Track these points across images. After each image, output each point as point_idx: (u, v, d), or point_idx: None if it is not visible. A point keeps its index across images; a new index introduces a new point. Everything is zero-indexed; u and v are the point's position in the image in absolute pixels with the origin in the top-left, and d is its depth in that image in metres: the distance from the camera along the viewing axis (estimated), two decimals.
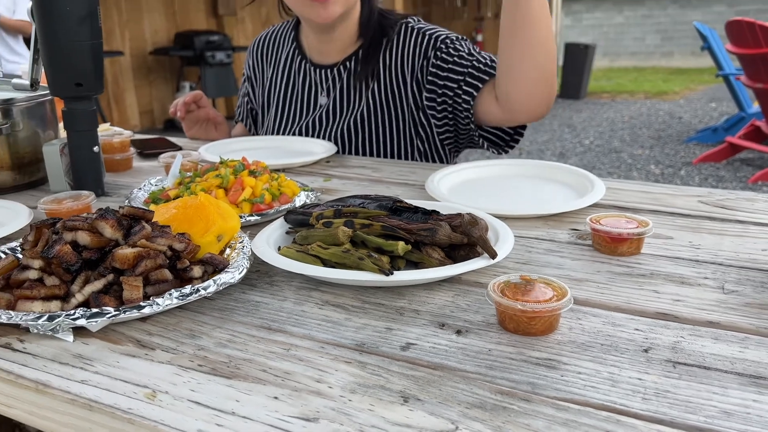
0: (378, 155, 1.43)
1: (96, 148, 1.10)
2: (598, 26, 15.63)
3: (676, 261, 0.80)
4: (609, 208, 1.01)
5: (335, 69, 1.46)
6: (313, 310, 0.70)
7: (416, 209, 0.82)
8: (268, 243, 0.83)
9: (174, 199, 0.99)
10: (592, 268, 0.79)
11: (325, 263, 0.76)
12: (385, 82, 1.40)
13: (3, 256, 0.79)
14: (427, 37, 1.37)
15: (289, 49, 1.54)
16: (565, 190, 1.10)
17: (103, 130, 1.45)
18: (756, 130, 5.39)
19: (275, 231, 0.88)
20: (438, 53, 1.34)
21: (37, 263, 0.68)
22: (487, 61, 1.29)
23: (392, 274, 0.69)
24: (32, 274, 0.68)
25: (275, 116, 1.55)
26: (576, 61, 9.66)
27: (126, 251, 0.68)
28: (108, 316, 0.63)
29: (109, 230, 0.71)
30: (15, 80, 1.10)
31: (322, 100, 1.48)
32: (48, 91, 1.16)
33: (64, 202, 0.99)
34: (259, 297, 0.73)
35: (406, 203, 0.85)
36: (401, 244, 0.75)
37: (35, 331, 0.63)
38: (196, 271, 0.73)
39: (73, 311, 0.63)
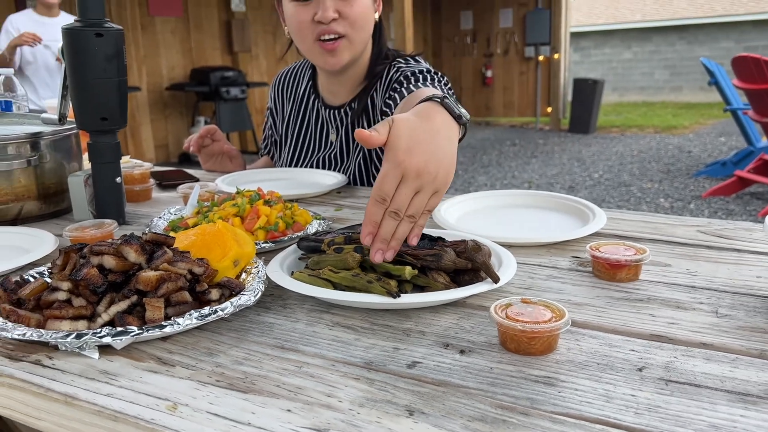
0: None
1: (118, 179, 1.16)
2: (607, 62, 15.83)
3: (672, 287, 0.83)
4: (609, 236, 1.04)
5: (342, 110, 1.54)
6: (324, 330, 0.73)
7: (422, 236, 0.86)
8: (282, 268, 0.87)
9: (193, 227, 1.04)
10: (592, 293, 0.82)
11: (336, 286, 0.80)
12: (375, 120, 1.47)
13: (33, 279, 0.83)
14: (398, 74, 1.41)
15: (306, 86, 1.62)
16: (569, 219, 1.14)
17: (124, 162, 1.51)
18: (765, 164, 5.41)
19: (289, 257, 0.92)
20: (396, 86, 1.36)
21: (65, 285, 0.72)
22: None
23: (399, 296, 0.73)
24: (61, 296, 0.72)
25: (290, 150, 1.63)
26: (585, 96, 9.78)
27: (149, 274, 0.72)
28: (132, 334, 0.67)
29: (133, 255, 0.75)
30: (44, 115, 1.17)
31: (332, 137, 1.56)
32: (74, 125, 1.22)
33: (87, 230, 1.04)
34: (273, 318, 0.77)
35: None
36: (408, 268, 0.79)
37: (63, 348, 0.67)
38: (214, 293, 0.77)
39: (99, 330, 0.67)
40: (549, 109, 10.62)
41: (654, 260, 0.92)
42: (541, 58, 10.63)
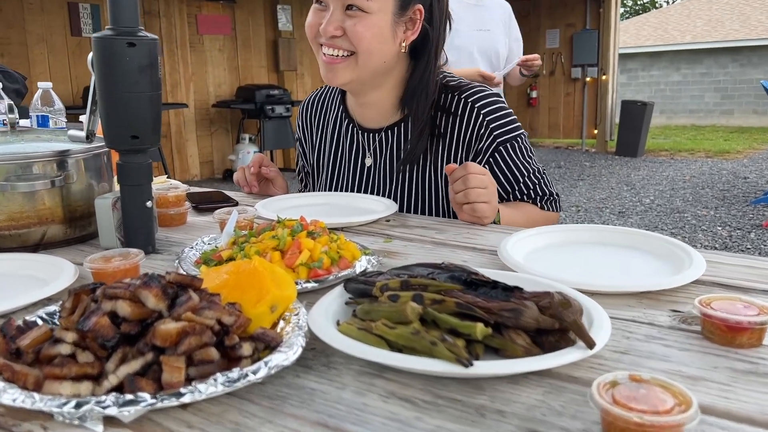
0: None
1: (149, 204, 1.05)
2: (654, 84, 15.40)
3: None
4: (711, 285, 0.88)
5: (380, 134, 1.42)
6: (377, 403, 0.59)
7: (495, 284, 0.72)
8: (326, 316, 0.74)
9: (226, 261, 0.92)
10: (707, 363, 0.66)
11: (391, 345, 0.66)
12: (437, 153, 1.38)
13: (40, 322, 0.72)
14: (485, 125, 1.34)
15: (337, 112, 1.51)
16: (653, 261, 0.98)
17: (160, 182, 1.42)
18: None
19: (334, 301, 0.79)
20: (496, 154, 1.36)
21: (70, 336, 0.61)
22: (535, 185, 1.39)
23: (472, 365, 0.59)
24: (64, 349, 0.60)
25: (327, 178, 1.53)
26: (633, 118, 9.49)
27: (169, 327, 0.60)
28: (143, 404, 0.54)
29: (152, 300, 0.63)
30: (71, 132, 1.07)
31: (368, 161, 1.44)
32: (104, 143, 1.12)
33: (112, 260, 0.93)
34: (314, 383, 0.64)
35: (482, 276, 0.75)
36: (480, 326, 0.64)
37: (60, 419, 0.55)
38: (246, 348, 0.64)
39: (103, 398, 0.55)
40: (595, 131, 10.34)
41: None
42: (588, 79, 10.38)
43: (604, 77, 10.15)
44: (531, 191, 1.38)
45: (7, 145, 1.07)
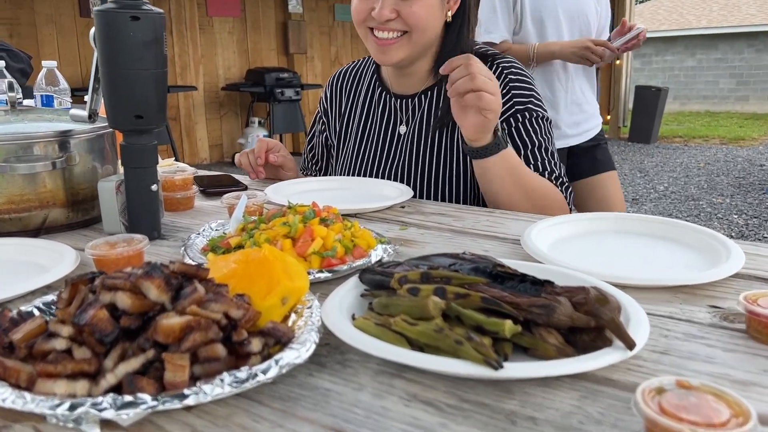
0: (456, 191, 1.35)
1: (154, 187, 1.00)
2: (669, 69, 15.15)
3: None
4: (750, 279, 0.82)
5: (415, 98, 1.40)
6: (398, 407, 0.55)
7: (523, 276, 0.67)
8: (341, 309, 0.69)
9: (235, 248, 0.87)
10: (756, 366, 0.61)
11: (411, 343, 0.61)
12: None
13: (37, 312, 0.68)
14: (507, 88, 1.32)
15: (370, 81, 1.50)
16: (686, 252, 0.92)
17: (166, 165, 1.37)
18: None
19: (348, 293, 0.74)
20: (511, 119, 1.32)
21: (65, 330, 0.56)
22: (544, 160, 1.31)
23: (502, 367, 0.54)
24: (59, 344, 0.56)
25: (354, 147, 1.48)
26: (647, 104, 9.33)
27: (172, 322, 0.55)
28: (143, 407, 0.50)
29: (154, 291, 0.59)
30: (73, 111, 1.02)
31: (402, 129, 1.41)
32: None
33: (115, 246, 0.88)
34: (329, 383, 0.59)
35: (509, 268, 0.69)
36: (509, 323, 0.59)
37: (54, 421, 0.50)
38: (255, 344, 0.59)
39: (100, 399, 0.50)
40: (608, 117, 10.20)
41: None
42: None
43: (617, 62, 9.97)
44: (539, 163, 1.28)
45: (7, 125, 1.02)
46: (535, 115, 1.31)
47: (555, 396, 0.56)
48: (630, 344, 0.57)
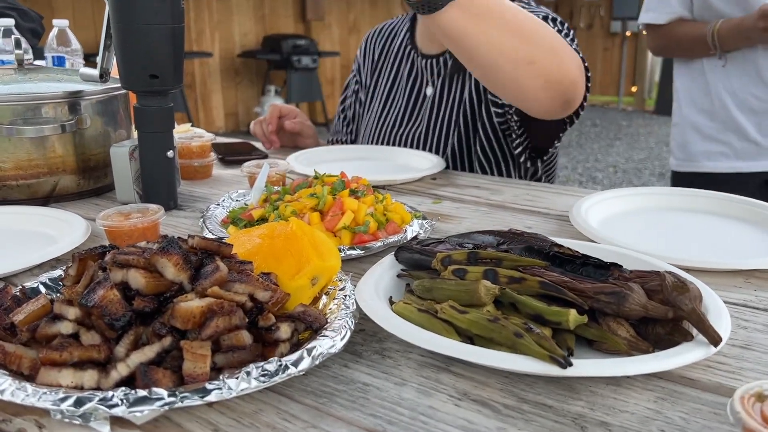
0: (487, 161, 1.26)
1: (170, 153, 0.93)
2: None
3: None
4: None
5: (440, 58, 1.31)
6: (447, 407, 0.48)
7: (586, 258, 0.59)
8: (377, 291, 0.62)
9: (258, 221, 0.80)
10: None
11: (459, 332, 0.54)
12: None
13: (42, 290, 0.62)
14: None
15: (402, 39, 1.41)
16: (754, 232, 0.84)
17: (183, 131, 1.30)
18: None
19: (385, 273, 0.67)
20: None
21: (72, 313, 0.50)
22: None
23: (571, 365, 0.47)
24: (65, 328, 0.49)
25: (379, 108, 1.40)
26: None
27: (191, 305, 0.48)
28: (158, 404, 0.43)
29: (171, 270, 0.52)
30: (83, 70, 0.95)
31: (428, 90, 1.32)
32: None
33: (129, 216, 0.82)
34: (367, 376, 0.52)
35: (568, 249, 0.62)
36: (573, 312, 0.52)
37: (58, 417, 0.44)
38: (284, 330, 0.53)
39: (110, 393, 0.44)
40: (634, 89, 9.94)
41: None
42: (628, 33, 9.92)
43: (644, 32, 9.70)
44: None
45: (14, 85, 0.95)
46: (564, 27, 1.14)
47: (628, 397, 0.49)
48: (715, 339, 0.50)
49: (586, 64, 0.99)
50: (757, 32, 1.29)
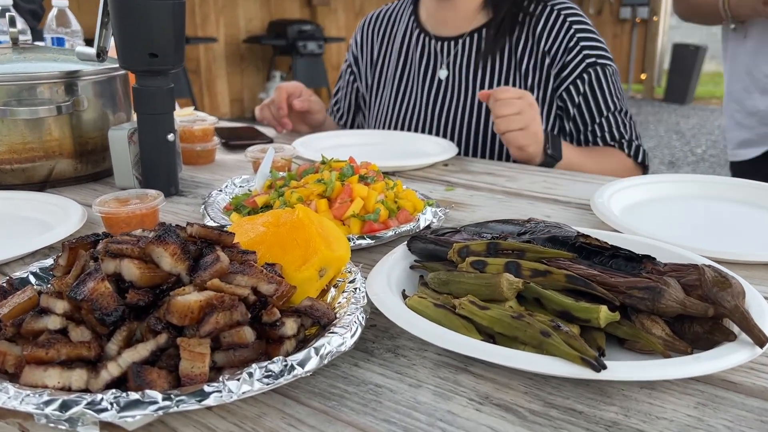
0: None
1: (171, 137, 0.89)
2: (706, 27, 14.52)
3: None
4: None
5: (459, 41, 1.27)
6: (468, 412, 0.44)
7: (615, 250, 0.55)
8: (389, 284, 0.58)
9: (262, 208, 0.76)
10: None
11: (479, 330, 0.50)
12: (515, 61, 1.22)
13: (33, 280, 0.58)
14: (575, 40, 1.20)
15: (406, 23, 1.36)
16: None
17: (185, 114, 1.25)
18: None
19: (397, 264, 0.63)
20: (584, 75, 1.20)
21: (60, 306, 0.46)
22: (618, 124, 1.21)
23: (605, 368, 0.42)
24: (52, 323, 0.45)
25: (390, 96, 1.36)
26: (684, 63, 8.94)
27: (189, 299, 0.44)
28: (152, 408, 0.39)
29: (168, 260, 0.48)
30: (79, 48, 0.91)
31: (442, 74, 1.28)
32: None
33: (127, 203, 0.78)
34: (379, 377, 0.48)
35: (595, 239, 0.57)
36: (603, 309, 0.48)
37: (42, 421, 0.40)
38: (289, 326, 0.49)
39: (99, 397, 0.40)
40: (643, 76, 9.82)
41: None
42: (637, 20, 9.78)
43: (654, 18, 9.55)
44: (614, 130, 1.20)
45: (8, 64, 0.91)
46: (609, 70, 1.21)
47: (665, 402, 0.44)
48: (761, 339, 0.46)
49: (642, 156, 1.21)
50: (759, 5, 1.24)
